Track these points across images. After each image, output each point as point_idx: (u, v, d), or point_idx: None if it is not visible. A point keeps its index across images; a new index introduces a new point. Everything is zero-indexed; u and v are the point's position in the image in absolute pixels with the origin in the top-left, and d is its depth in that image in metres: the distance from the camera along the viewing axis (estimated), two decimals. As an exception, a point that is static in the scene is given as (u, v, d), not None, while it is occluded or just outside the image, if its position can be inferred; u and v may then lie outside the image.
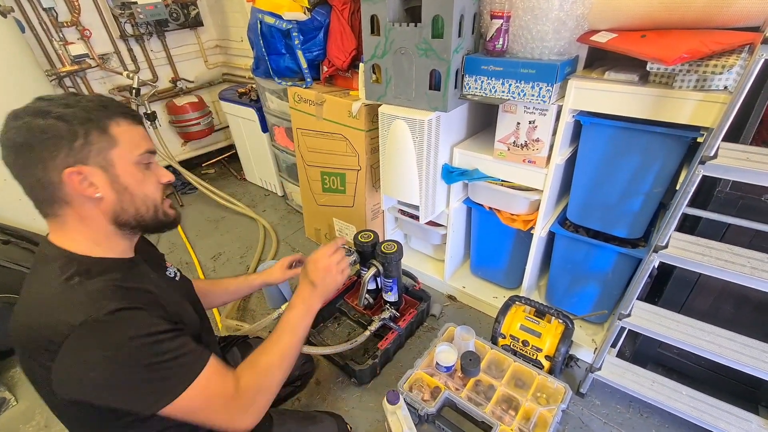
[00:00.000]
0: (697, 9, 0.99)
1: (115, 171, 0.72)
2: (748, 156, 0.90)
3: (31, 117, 0.66)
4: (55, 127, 0.66)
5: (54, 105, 0.68)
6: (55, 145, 0.66)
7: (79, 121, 0.68)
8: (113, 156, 0.71)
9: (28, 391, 1.55)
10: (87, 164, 0.69)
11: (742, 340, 1.08)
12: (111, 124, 0.71)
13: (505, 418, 1.23)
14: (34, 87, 1.90)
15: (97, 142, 0.69)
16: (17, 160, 0.67)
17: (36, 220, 1.95)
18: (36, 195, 0.70)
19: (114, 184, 0.72)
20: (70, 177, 0.67)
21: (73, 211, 0.71)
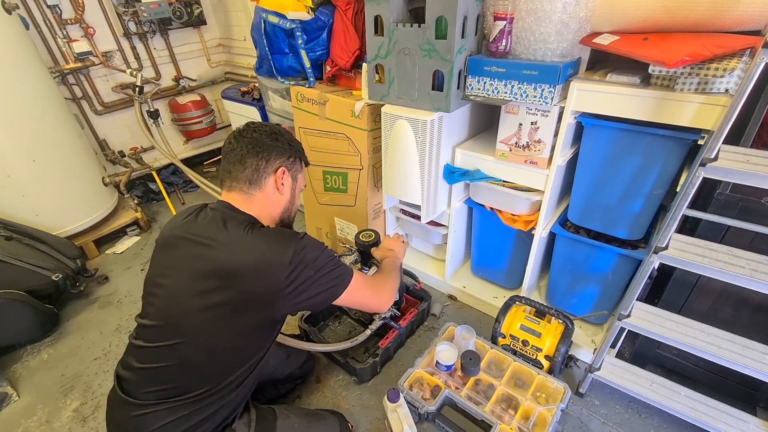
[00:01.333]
0: (699, 12, 0.99)
1: (296, 185, 1.10)
2: (749, 158, 0.91)
3: (276, 132, 1.04)
4: (285, 146, 1.04)
5: (286, 134, 1.07)
6: (282, 154, 1.03)
7: (296, 149, 1.08)
8: (299, 177, 1.10)
9: (30, 386, 1.56)
10: (290, 171, 1.05)
11: (741, 342, 1.09)
12: (303, 162, 1.12)
13: (505, 417, 1.24)
14: (38, 84, 1.91)
15: (297, 165, 1.09)
16: (252, 149, 0.99)
17: (38, 217, 1.96)
18: (246, 174, 0.99)
19: (292, 191, 1.08)
20: (280, 172, 1.02)
21: (261, 195, 1.01)
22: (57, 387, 1.55)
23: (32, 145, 1.88)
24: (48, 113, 1.94)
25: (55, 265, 1.81)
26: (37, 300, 1.70)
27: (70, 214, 2.09)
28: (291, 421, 1.09)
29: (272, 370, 1.33)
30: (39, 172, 1.92)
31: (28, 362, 1.67)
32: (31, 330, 1.72)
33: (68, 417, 1.44)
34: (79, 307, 1.93)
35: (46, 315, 1.75)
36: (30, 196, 1.93)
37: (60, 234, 2.03)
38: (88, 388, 1.54)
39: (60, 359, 1.67)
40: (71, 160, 2.06)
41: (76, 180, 2.08)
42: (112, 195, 2.38)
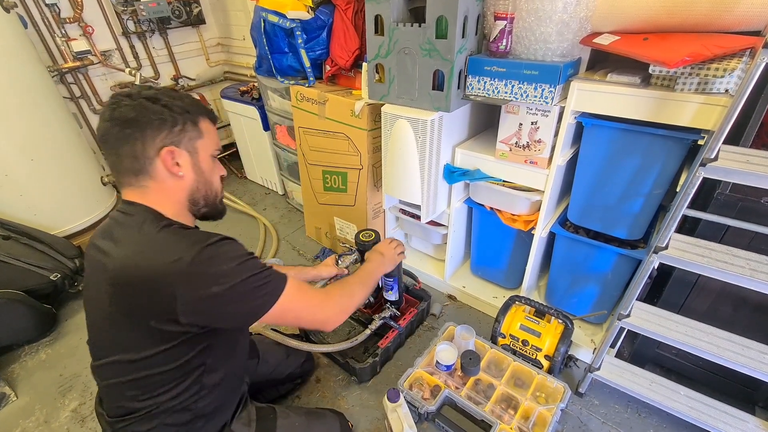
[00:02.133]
0: (699, 13, 0.99)
1: (198, 157, 0.86)
2: (749, 159, 0.91)
3: (143, 99, 0.79)
4: (161, 112, 0.79)
5: (162, 95, 0.81)
6: (159, 127, 0.79)
7: (179, 111, 0.82)
8: (198, 145, 0.85)
9: (28, 386, 1.55)
10: (179, 147, 0.82)
11: (740, 341, 1.09)
12: (200, 120, 0.86)
13: (505, 417, 1.24)
14: (36, 83, 1.90)
15: (190, 131, 0.84)
16: (122, 132, 0.78)
17: (36, 216, 1.95)
18: (126, 165, 0.80)
19: (195, 167, 0.86)
20: (166, 154, 0.80)
21: (155, 184, 0.82)
22: (55, 387, 1.54)
23: (30, 145, 1.87)
24: (46, 112, 1.93)
25: (53, 265, 1.80)
26: (35, 300, 1.70)
27: (68, 213, 2.08)
28: (291, 420, 1.09)
29: (272, 370, 1.33)
30: (37, 171, 1.91)
31: (26, 362, 1.66)
32: (29, 330, 1.71)
33: (66, 417, 1.43)
34: (78, 306, 1.92)
35: (44, 315, 1.74)
36: (28, 196, 1.92)
37: (58, 233, 2.02)
38: (87, 388, 1.53)
39: (58, 359, 1.66)
40: (69, 160, 2.05)
41: (74, 179, 2.07)
42: (110, 194, 2.37)
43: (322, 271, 1.39)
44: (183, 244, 0.76)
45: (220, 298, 0.76)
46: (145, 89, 0.82)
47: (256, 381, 1.26)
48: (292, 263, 2.13)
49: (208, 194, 0.90)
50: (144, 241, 0.77)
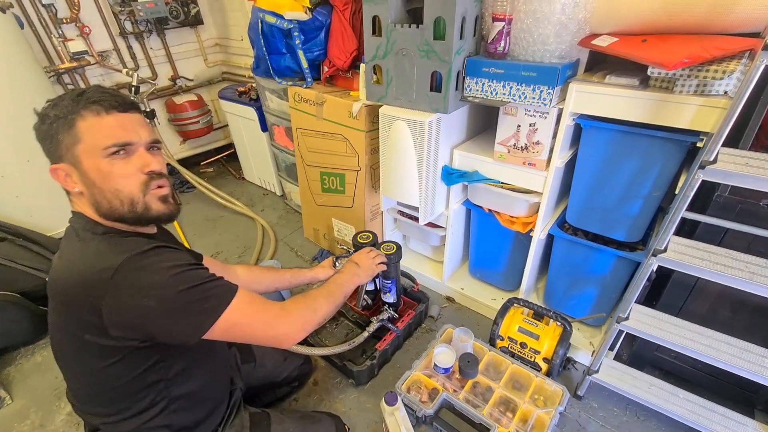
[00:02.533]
0: (698, 14, 0.99)
1: (83, 167, 0.73)
2: (748, 161, 0.91)
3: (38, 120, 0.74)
4: (41, 129, 0.73)
5: (50, 107, 0.73)
6: (44, 145, 0.74)
7: (51, 120, 0.72)
8: (78, 152, 0.72)
9: (24, 389, 1.54)
10: (62, 161, 0.73)
11: (739, 344, 1.08)
12: (77, 120, 0.72)
13: (503, 420, 1.23)
14: (33, 83, 1.89)
15: (64, 140, 0.72)
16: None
17: (33, 217, 1.94)
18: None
19: (84, 179, 0.74)
20: (54, 173, 0.75)
21: (73, 197, 0.79)
22: (51, 390, 1.53)
23: (27, 146, 1.86)
24: (42, 113, 1.92)
25: (49, 266, 1.79)
26: (30, 302, 1.69)
27: (64, 214, 2.05)
28: (286, 426, 1.08)
29: (268, 373, 1.32)
30: (33, 172, 1.90)
31: (21, 365, 1.65)
32: (24, 332, 1.70)
33: (62, 421, 1.42)
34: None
35: (40, 317, 1.72)
36: (24, 197, 1.91)
37: (54, 235, 2.01)
38: (83, 391, 1.52)
39: (54, 362, 1.63)
40: (66, 161, 2.04)
41: (71, 180, 2.06)
42: (107, 195, 2.36)
43: (318, 273, 1.39)
44: (112, 252, 0.70)
45: (151, 311, 0.69)
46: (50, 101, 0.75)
47: (252, 385, 1.26)
48: (290, 265, 2.13)
49: (114, 204, 0.75)
50: (78, 250, 0.74)
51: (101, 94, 0.74)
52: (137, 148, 0.77)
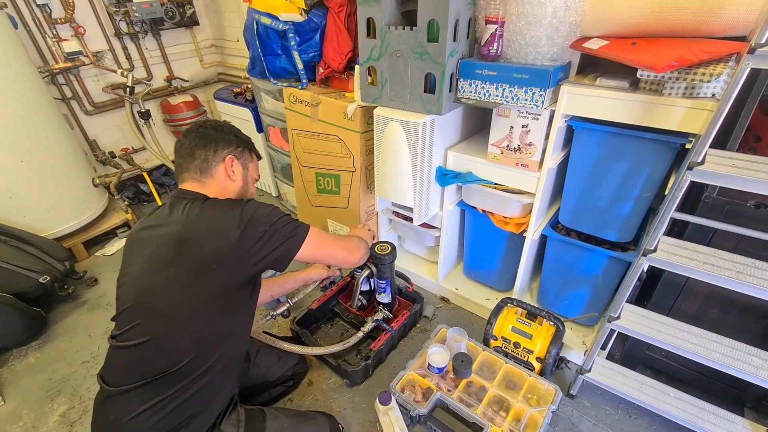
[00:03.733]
0: (686, 18, 1.01)
1: (248, 174, 1.15)
2: (734, 162, 0.92)
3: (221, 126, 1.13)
4: (232, 138, 1.12)
5: (231, 127, 1.15)
6: (229, 144, 1.09)
7: (244, 140, 1.16)
8: (250, 166, 1.16)
9: (16, 390, 1.54)
10: (239, 160, 1.11)
11: (728, 343, 1.10)
12: (253, 153, 1.19)
13: (496, 420, 1.24)
14: (26, 84, 1.88)
15: (247, 155, 1.15)
16: (202, 140, 1.06)
17: (26, 218, 1.93)
18: (196, 164, 1.05)
19: (244, 178, 1.13)
20: (229, 160, 1.08)
21: (214, 181, 1.06)
22: (44, 391, 1.52)
23: (20, 146, 1.85)
24: (37, 113, 1.92)
25: (42, 268, 1.78)
26: (24, 303, 1.68)
27: (58, 215, 2.06)
28: (280, 422, 1.09)
29: (263, 373, 1.32)
30: (27, 172, 1.89)
31: (14, 366, 1.64)
32: (17, 333, 1.69)
33: (55, 422, 1.42)
34: (68, 309, 1.90)
35: (33, 318, 1.72)
36: (18, 197, 1.90)
37: (48, 236, 2.00)
38: (76, 392, 1.51)
39: (47, 363, 1.64)
40: (60, 161, 2.03)
41: (65, 181, 2.06)
42: (102, 196, 2.35)
43: (312, 273, 1.39)
44: (230, 205, 0.97)
45: (267, 235, 0.95)
46: (221, 121, 1.15)
47: (247, 384, 1.26)
48: (286, 265, 2.13)
49: (247, 195, 1.16)
50: (201, 211, 0.95)
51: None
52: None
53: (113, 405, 0.93)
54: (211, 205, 0.98)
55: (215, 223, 0.93)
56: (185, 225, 0.93)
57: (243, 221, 0.93)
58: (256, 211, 0.96)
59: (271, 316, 1.47)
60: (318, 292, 1.76)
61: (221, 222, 0.93)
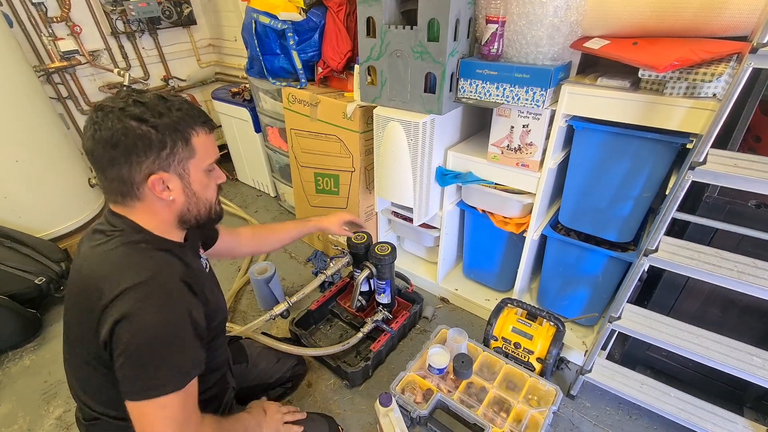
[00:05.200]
0: (687, 18, 1.01)
1: (189, 179, 0.80)
2: (736, 162, 0.92)
3: (128, 119, 0.71)
4: (148, 135, 0.72)
5: (149, 112, 0.73)
6: (146, 152, 0.73)
7: (169, 131, 0.74)
8: (190, 165, 0.79)
9: (11, 393, 1.52)
10: (168, 171, 0.76)
11: (728, 343, 1.10)
12: (193, 135, 0.78)
13: (497, 420, 1.24)
14: (22, 83, 1.86)
15: (180, 152, 0.76)
16: (105, 155, 0.73)
17: (21, 219, 1.91)
18: (112, 187, 0.77)
19: (186, 189, 0.80)
20: (154, 181, 0.75)
21: (143, 205, 0.79)
22: (39, 394, 1.50)
23: (15, 146, 1.83)
24: (32, 113, 1.89)
25: (38, 269, 1.76)
26: (19, 304, 1.66)
27: (54, 216, 2.04)
28: None
29: (261, 373, 1.31)
30: (22, 173, 1.87)
31: (9, 369, 1.62)
32: (12, 335, 1.67)
33: (51, 425, 1.40)
34: (63, 311, 1.88)
35: (28, 320, 1.70)
36: (13, 198, 1.87)
37: (44, 236, 1.98)
38: (72, 394, 1.50)
39: (43, 365, 1.62)
40: (56, 161, 2.01)
41: (60, 181, 2.03)
42: (98, 197, 2.33)
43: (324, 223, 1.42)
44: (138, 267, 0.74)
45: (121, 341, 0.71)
46: (131, 101, 0.73)
47: (245, 386, 1.25)
48: (284, 266, 2.12)
49: (201, 211, 0.85)
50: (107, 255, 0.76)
51: (200, 112, 0.80)
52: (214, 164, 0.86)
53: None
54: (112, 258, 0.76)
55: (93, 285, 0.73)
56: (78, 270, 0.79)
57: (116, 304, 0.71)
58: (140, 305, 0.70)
59: (270, 317, 1.46)
60: (317, 292, 1.76)
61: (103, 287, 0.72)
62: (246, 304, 1.88)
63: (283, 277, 2.03)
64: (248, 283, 1.97)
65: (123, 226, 0.79)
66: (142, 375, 0.71)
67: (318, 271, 2.03)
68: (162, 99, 0.76)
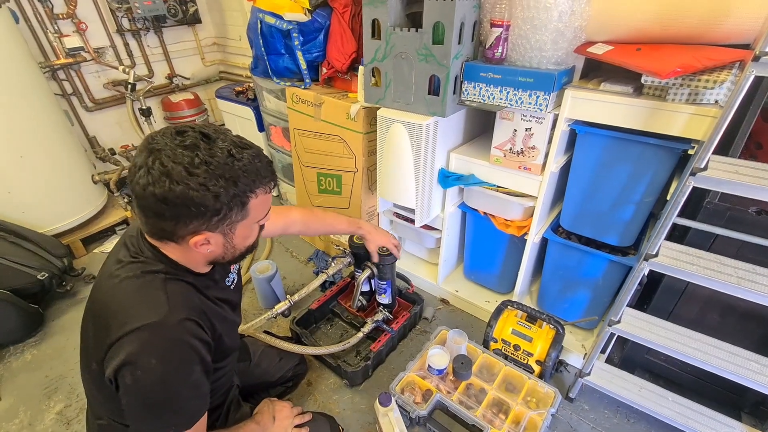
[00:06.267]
0: (691, 25, 1.01)
1: (233, 237, 0.77)
2: (737, 169, 0.93)
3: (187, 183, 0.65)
4: (205, 203, 0.67)
5: (214, 177, 0.66)
6: (197, 216, 0.69)
7: (228, 198, 0.69)
8: (239, 226, 0.76)
9: (13, 387, 1.52)
10: (214, 232, 0.73)
11: (727, 348, 1.11)
12: (251, 197, 0.73)
13: (496, 422, 1.24)
14: (27, 79, 1.87)
15: (233, 217, 0.72)
16: (154, 207, 0.67)
17: (25, 214, 1.92)
18: (152, 230, 0.74)
19: (227, 244, 0.78)
20: (198, 240, 0.72)
21: (179, 248, 0.77)
22: (40, 389, 1.51)
23: (20, 141, 1.84)
24: (37, 109, 1.90)
25: (40, 264, 1.77)
26: (21, 299, 1.67)
27: (57, 211, 2.05)
28: None
29: (264, 372, 1.32)
30: (26, 168, 1.88)
31: (10, 363, 1.62)
32: (14, 330, 1.68)
33: (51, 420, 1.41)
34: (65, 306, 1.89)
35: (30, 315, 1.71)
36: (16, 193, 1.88)
37: (47, 232, 1.99)
38: (73, 390, 1.50)
39: (44, 360, 1.63)
40: (60, 157, 2.02)
41: (64, 177, 2.04)
42: (101, 193, 2.34)
43: (362, 233, 1.43)
44: (142, 308, 0.72)
45: (123, 384, 0.70)
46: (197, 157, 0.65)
47: (247, 383, 1.26)
48: (285, 265, 2.12)
49: (235, 255, 0.82)
50: (122, 280, 0.76)
51: (267, 169, 0.74)
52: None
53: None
54: (130, 289, 0.75)
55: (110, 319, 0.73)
56: (96, 294, 0.81)
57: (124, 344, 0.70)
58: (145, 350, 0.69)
59: (271, 316, 1.46)
60: (318, 292, 1.76)
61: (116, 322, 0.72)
62: (247, 303, 1.89)
63: (284, 275, 2.04)
64: (250, 282, 1.98)
65: (149, 254, 0.78)
66: (147, 417, 0.72)
67: (319, 271, 2.03)
68: (231, 156, 0.68)
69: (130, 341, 0.69)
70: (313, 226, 1.35)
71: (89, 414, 0.96)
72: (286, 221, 1.26)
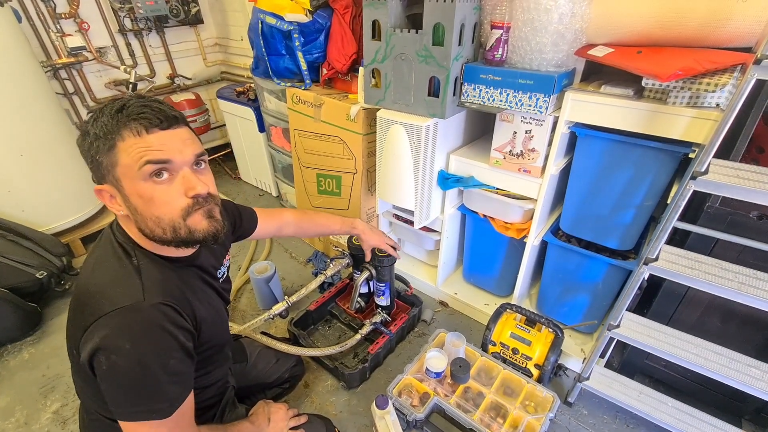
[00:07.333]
0: (692, 28, 1.01)
1: (124, 191, 0.69)
2: (738, 173, 0.92)
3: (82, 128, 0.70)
4: (82, 146, 0.69)
5: (94, 116, 0.69)
6: (87, 163, 0.71)
7: (91, 138, 0.68)
8: (118, 174, 0.68)
9: (9, 386, 1.52)
10: (105, 182, 0.70)
11: (727, 354, 1.10)
12: (117, 140, 0.67)
13: (494, 426, 1.23)
14: (29, 78, 1.87)
15: (103, 161, 0.68)
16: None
17: (24, 212, 1.92)
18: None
19: (127, 203, 0.71)
20: (99, 194, 0.72)
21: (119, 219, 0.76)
22: (37, 388, 1.51)
23: (20, 140, 1.84)
24: (38, 108, 1.91)
25: (39, 263, 1.77)
26: (19, 298, 1.67)
27: (57, 210, 2.05)
28: None
29: (260, 373, 1.31)
30: (27, 167, 1.88)
31: (8, 362, 1.62)
32: (12, 328, 1.68)
33: (48, 419, 1.40)
34: (64, 305, 1.89)
35: (28, 313, 1.71)
36: (16, 192, 1.89)
37: (46, 230, 1.99)
38: (70, 389, 1.50)
39: (41, 359, 1.63)
40: (60, 156, 2.02)
41: (64, 176, 2.05)
42: (101, 192, 2.34)
43: (363, 235, 1.41)
44: (117, 290, 0.70)
45: (100, 369, 0.68)
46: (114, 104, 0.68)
47: (243, 385, 1.25)
48: (283, 265, 2.12)
49: (156, 231, 0.71)
50: (102, 258, 0.75)
51: (142, 109, 0.68)
52: (180, 167, 0.70)
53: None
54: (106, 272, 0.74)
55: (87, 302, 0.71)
56: (77, 285, 0.77)
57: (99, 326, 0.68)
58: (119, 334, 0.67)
59: (269, 317, 1.46)
60: (316, 293, 1.76)
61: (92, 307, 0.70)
62: (245, 303, 1.88)
63: (282, 276, 2.04)
64: (248, 282, 1.97)
65: (122, 238, 0.77)
66: (125, 402, 0.70)
67: (318, 272, 2.03)
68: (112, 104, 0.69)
69: (103, 325, 0.67)
70: (306, 227, 1.35)
71: (82, 411, 0.95)
72: (279, 223, 1.26)
